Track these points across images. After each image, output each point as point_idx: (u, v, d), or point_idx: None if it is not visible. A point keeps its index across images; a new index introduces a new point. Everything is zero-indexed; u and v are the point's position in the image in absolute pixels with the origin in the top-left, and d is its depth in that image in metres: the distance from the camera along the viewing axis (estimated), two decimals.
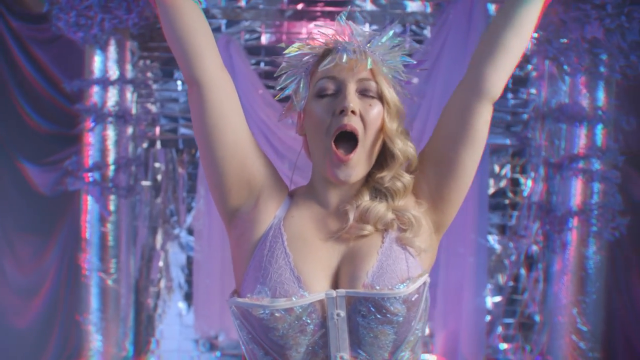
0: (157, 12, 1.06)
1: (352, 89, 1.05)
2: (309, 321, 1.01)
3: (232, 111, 1.05)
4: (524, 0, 1.05)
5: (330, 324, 1.01)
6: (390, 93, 1.07)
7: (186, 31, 1.03)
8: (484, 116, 1.06)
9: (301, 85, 1.10)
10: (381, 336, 1.01)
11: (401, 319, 1.01)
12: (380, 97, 1.07)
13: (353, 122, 1.03)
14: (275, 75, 1.13)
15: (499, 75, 1.05)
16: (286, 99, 1.14)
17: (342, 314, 1.01)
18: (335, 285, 1.04)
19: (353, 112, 1.04)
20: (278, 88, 1.12)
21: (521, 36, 1.06)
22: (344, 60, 1.05)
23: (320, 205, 1.10)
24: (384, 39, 1.09)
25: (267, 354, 1.03)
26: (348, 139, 1.05)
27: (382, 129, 1.07)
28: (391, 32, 1.10)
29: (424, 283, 1.04)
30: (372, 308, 1.00)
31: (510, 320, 3.12)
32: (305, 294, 1.01)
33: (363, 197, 1.08)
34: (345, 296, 1.01)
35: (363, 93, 1.06)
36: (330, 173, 1.06)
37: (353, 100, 1.04)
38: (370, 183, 1.09)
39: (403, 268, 1.02)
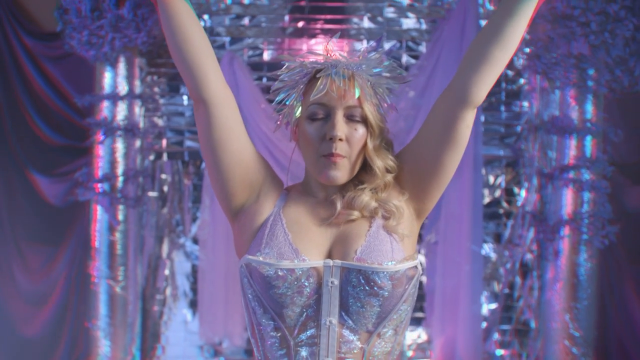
0: (165, 35, 1.18)
1: (340, 115, 1.18)
2: (306, 284, 1.13)
3: (235, 123, 1.18)
4: (511, 15, 1.12)
5: (324, 290, 1.14)
6: (374, 116, 1.20)
7: (192, 54, 1.14)
8: (466, 121, 1.16)
9: (295, 103, 1.22)
10: (367, 306, 1.13)
11: (386, 293, 1.13)
12: (365, 121, 1.19)
13: (339, 149, 1.17)
14: (271, 92, 1.25)
15: (483, 84, 1.14)
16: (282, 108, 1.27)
17: (336, 282, 1.14)
18: (329, 258, 1.17)
19: (340, 139, 1.17)
20: (274, 103, 1.25)
21: (507, 49, 1.13)
22: (333, 88, 1.17)
23: (312, 197, 1.23)
24: (371, 60, 1.21)
25: (265, 312, 1.16)
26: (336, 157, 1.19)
27: (365, 147, 1.20)
28: (378, 53, 1.22)
29: (414, 268, 1.16)
30: (362, 279, 1.12)
31: (506, 327, 3.20)
32: (306, 258, 1.14)
33: (348, 188, 1.21)
34: (340, 266, 1.14)
35: (350, 118, 1.19)
36: (322, 175, 1.19)
37: (340, 129, 1.17)
38: (356, 179, 1.23)
39: (388, 249, 1.15)
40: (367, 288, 1.12)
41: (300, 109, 1.21)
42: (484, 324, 3.16)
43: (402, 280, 1.14)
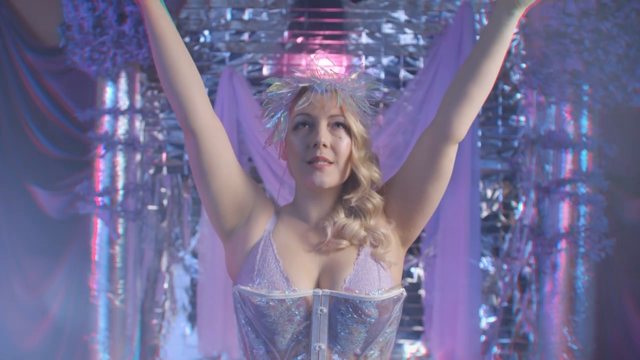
0: (156, 67, 1.22)
1: (324, 124, 1.23)
2: (296, 312, 1.18)
3: (224, 151, 1.22)
4: (486, 56, 1.17)
5: (314, 317, 1.19)
6: (357, 126, 1.25)
7: (182, 87, 1.18)
8: (449, 155, 1.21)
9: (282, 119, 1.27)
10: (355, 333, 1.18)
11: (373, 320, 1.18)
12: (348, 131, 1.24)
13: (324, 154, 1.21)
14: (262, 107, 1.30)
15: (464, 121, 1.19)
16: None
17: (325, 310, 1.18)
18: (317, 287, 1.21)
19: (324, 145, 1.21)
20: (263, 120, 1.29)
21: (484, 87, 1.18)
22: (317, 99, 1.22)
23: (302, 221, 1.27)
24: (352, 76, 1.26)
25: (258, 337, 1.20)
26: (322, 163, 1.24)
27: (350, 157, 1.24)
28: (359, 71, 1.27)
29: (399, 296, 1.21)
30: (350, 308, 1.17)
31: (505, 340, 3.20)
32: (296, 289, 1.18)
33: (339, 214, 1.25)
34: (329, 295, 1.19)
35: (333, 127, 1.24)
36: (309, 181, 1.22)
37: (324, 135, 1.21)
38: (345, 203, 1.27)
39: (375, 277, 1.19)
40: (354, 316, 1.17)
41: (286, 126, 1.26)
42: (483, 338, 3.16)
43: (389, 307, 1.19)
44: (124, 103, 3.00)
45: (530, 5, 1.15)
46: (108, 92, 2.99)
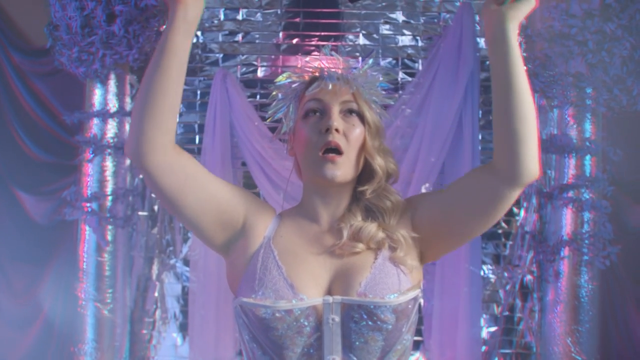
0: (141, 89, 1.09)
1: (336, 110, 1.15)
2: (306, 323, 1.07)
3: (188, 180, 1.10)
4: (507, 89, 1.05)
5: (325, 327, 1.08)
6: (370, 114, 1.17)
7: (152, 125, 1.06)
8: (512, 199, 1.11)
9: (291, 109, 1.20)
10: (371, 342, 1.07)
11: (390, 327, 1.07)
12: (362, 118, 1.16)
13: (337, 139, 1.13)
14: (268, 100, 1.23)
15: (528, 162, 1.06)
16: (278, 120, 1.25)
17: (337, 319, 1.08)
18: (328, 293, 1.11)
19: (337, 130, 1.13)
20: (270, 112, 1.22)
21: (526, 119, 1.05)
22: (329, 87, 1.15)
23: (311, 222, 1.18)
24: (365, 68, 1.20)
25: (265, 354, 1.10)
26: (332, 151, 1.15)
27: (363, 146, 1.15)
28: (370, 61, 1.21)
29: (416, 297, 1.11)
30: (364, 315, 1.07)
31: (507, 351, 3.12)
32: (304, 297, 1.08)
33: (356, 216, 1.16)
34: (341, 302, 1.08)
35: (346, 114, 1.16)
36: (320, 174, 1.13)
37: (337, 120, 1.14)
38: (361, 202, 1.17)
39: (395, 281, 1.09)
40: (370, 323, 1.07)
41: (294, 115, 1.19)
42: (484, 348, 3.08)
43: (406, 311, 1.09)
44: (113, 105, 2.90)
45: (521, 20, 1.04)
46: (97, 94, 2.89)
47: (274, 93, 1.21)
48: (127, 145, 1.08)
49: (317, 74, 1.19)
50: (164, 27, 1.10)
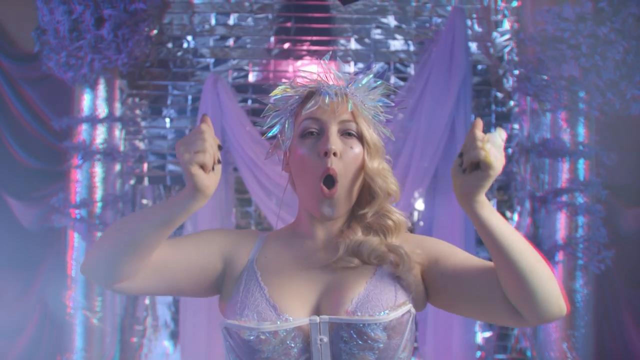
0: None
1: (334, 130, 1.11)
2: (292, 345, 1.03)
3: (162, 281, 1.09)
4: (499, 254, 0.98)
5: (313, 348, 1.04)
6: (370, 133, 1.13)
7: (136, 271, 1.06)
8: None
9: (286, 125, 1.15)
10: None
11: (382, 345, 1.02)
12: (361, 138, 1.12)
13: (334, 165, 1.09)
14: (262, 116, 1.18)
15: (549, 306, 1.01)
16: (273, 137, 1.19)
17: (325, 339, 1.04)
18: (317, 312, 1.07)
19: (335, 154, 1.09)
20: (265, 127, 1.16)
21: (538, 274, 0.99)
22: (326, 102, 1.10)
23: (306, 239, 1.14)
24: (364, 81, 1.14)
25: None
26: (330, 179, 1.11)
27: (362, 167, 1.11)
28: (371, 75, 1.15)
29: (409, 312, 1.06)
30: (353, 334, 1.02)
31: (502, 356, 3.09)
32: (289, 318, 1.04)
33: (356, 232, 1.12)
34: (328, 322, 1.04)
35: (344, 134, 1.11)
36: (316, 210, 1.10)
37: (335, 142, 1.09)
38: (361, 221, 1.13)
39: (390, 297, 1.05)
40: (360, 342, 1.02)
41: (291, 133, 1.14)
42: (479, 354, 3.06)
43: (398, 330, 1.04)
44: (102, 111, 2.87)
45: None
46: (85, 99, 2.86)
47: (269, 106, 1.16)
48: (88, 268, 1.04)
49: (313, 88, 1.14)
50: (154, 31, 1.06)
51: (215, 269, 1.12)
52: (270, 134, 1.16)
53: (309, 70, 1.17)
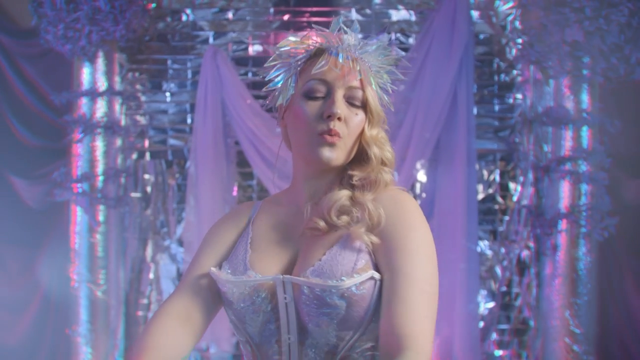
0: None
1: (340, 95, 1.09)
2: (259, 300, 1.07)
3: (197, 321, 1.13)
4: None
5: (280, 306, 1.07)
6: (374, 103, 1.12)
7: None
8: None
9: (289, 81, 1.13)
10: (323, 326, 1.04)
11: (342, 312, 1.02)
12: (365, 106, 1.11)
13: (337, 128, 1.08)
14: (265, 65, 1.15)
15: None
16: (273, 89, 1.17)
17: (289, 298, 1.06)
18: (286, 274, 1.09)
19: (339, 118, 1.08)
20: (267, 79, 1.14)
21: None
22: (339, 62, 1.08)
23: (293, 204, 1.16)
24: (374, 47, 1.13)
25: (236, 327, 1.12)
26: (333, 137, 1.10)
27: (361, 134, 1.11)
28: (381, 43, 1.14)
29: (372, 278, 1.03)
30: (311, 297, 1.03)
31: (505, 326, 3.10)
32: (257, 275, 1.08)
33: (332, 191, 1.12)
34: (291, 282, 1.06)
35: (350, 101, 1.11)
36: (315, 154, 1.09)
37: (340, 107, 1.08)
38: (347, 183, 1.12)
39: (349, 264, 1.03)
40: (318, 306, 1.03)
41: (292, 90, 1.12)
42: (482, 324, 3.06)
43: (360, 298, 1.02)
44: (102, 84, 2.86)
45: None
46: (85, 73, 2.85)
47: (274, 56, 1.13)
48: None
49: (324, 47, 1.11)
50: (151, 5, 1.05)
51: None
52: (272, 86, 1.14)
53: (320, 31, 1.13)
